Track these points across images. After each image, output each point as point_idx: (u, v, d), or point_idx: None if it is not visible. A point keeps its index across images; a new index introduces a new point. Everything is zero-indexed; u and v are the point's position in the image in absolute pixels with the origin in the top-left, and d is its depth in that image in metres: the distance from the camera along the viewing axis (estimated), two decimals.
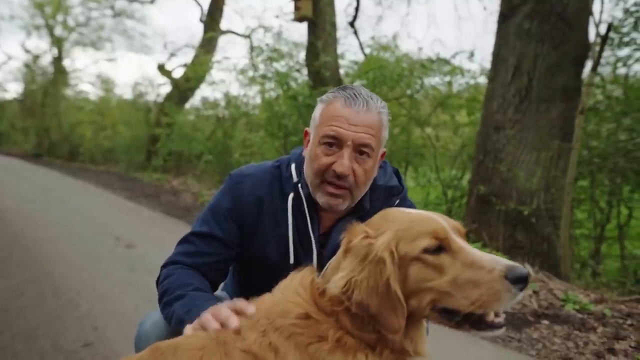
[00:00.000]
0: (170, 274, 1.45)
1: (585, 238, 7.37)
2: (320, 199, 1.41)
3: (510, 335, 3.11)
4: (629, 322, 3.34)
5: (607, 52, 6.19)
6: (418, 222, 1.03)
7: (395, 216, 1.08)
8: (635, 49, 6.36)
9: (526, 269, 0.94)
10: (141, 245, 5.26)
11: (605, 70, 6.74)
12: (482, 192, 5.50)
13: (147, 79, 23.53)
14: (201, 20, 17.00)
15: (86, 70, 30.35)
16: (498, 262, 0.94)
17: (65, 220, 6.61)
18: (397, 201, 1.55)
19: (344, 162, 1.34)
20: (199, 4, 19.16)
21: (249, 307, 1.11)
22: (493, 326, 0.98)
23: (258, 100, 11.82)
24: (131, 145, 17.17)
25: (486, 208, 5.53)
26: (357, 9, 11.17)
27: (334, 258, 1.17)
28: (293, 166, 1.52)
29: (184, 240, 1.55)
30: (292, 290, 1.13)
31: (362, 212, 1.48)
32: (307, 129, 1.51)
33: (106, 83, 23.60)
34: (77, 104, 23.84)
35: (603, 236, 7.06)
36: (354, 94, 1.37)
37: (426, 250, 0.99)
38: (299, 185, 1.47)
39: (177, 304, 1.33)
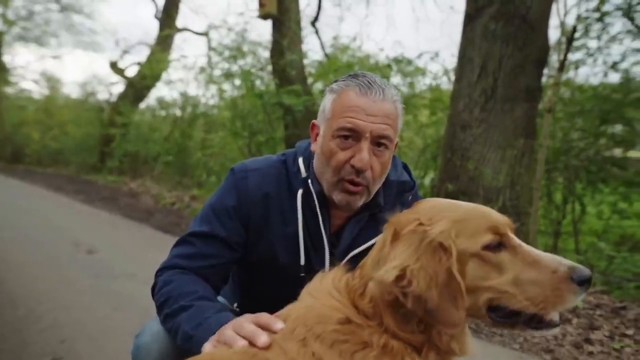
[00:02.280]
0: (169, 280, 1.30)
1: (542, 234, 7.69)
2: (337, 196, 1.32)
3: (492, 330, 3.15)
4: (598, 312, 3.48)
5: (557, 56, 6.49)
6: (476, 214, 0.96)
7: (447, 206, 1.00)
8: (587, 54, 6.71)
9: (588, 269, 0.91)
10: (103, 250, 4.96)
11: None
12: (450, 190, 5.59)
13: (97, 77, 22.42)
14: (156, 17, 16.46)
15: (29, 68, 28.49)
16: (561, 262, 0.91)
17: (17, 225, 6.15)
18: (410, 197, 1.50)
19: (363, 156, 1.25)
20: (153, 0, 18.53)
21: (276, 321, 1.00)
22: (550, 325, 0.94)
23: (217, 99, 11.58)
24: (82, 146, 16.35)
25: None
26: (319, 8, 11.15)
27: (370, 253, 1.07)
28: (300, 160, 1.42)
29: (181, 242, 1.40)
30: (326, 293, 1.02)
31: (376, 209, 1.41)
32: (314, 121, 1.41)
33: (52, 81, 22.36)
34: (19, 103, 22.41)
35: (559, 232, 7.40)
36: (368, 82, 1.28)
37: (487, 247, 0.92)
38: (309, 180, 1.38)
39: (182, 317, 1.18)
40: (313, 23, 11.07)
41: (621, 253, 5.83)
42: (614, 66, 6.32)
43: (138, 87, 15.11)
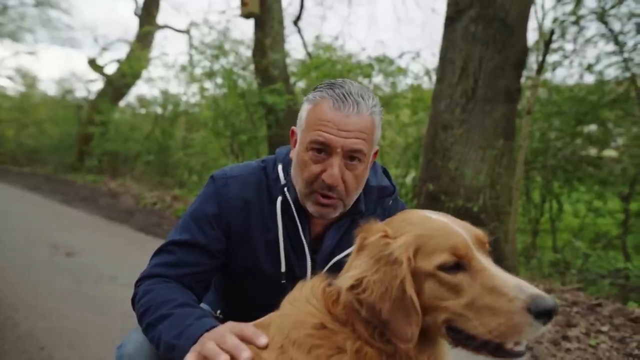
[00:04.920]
0: (149, 289, 1.28)
1: (521, 232, 7.86)
2: (310, 208, 1.33)
3: None
4: (575, 309, 3.57)
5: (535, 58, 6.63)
6: (439, 232, 0.95)
7: (417, 220, 1.00)
8: (563, 56, 6.86)
9: (553, 299, 0.84)
10: (83, 252, 4.88)
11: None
12: (431, 190, 5.66)
13: (75, 75, 21.83)
14: (136, 13, 16.16)
15: (4, 64, 27.63)
16: (522, 289, 0.85)
17: None
18: (390, 202, 1.51)
19: (333, 172, 1.25)
20: None
21: (260, 335, 1.01)
22: (512, 354, 0.88)
23: (198, 98, 11.47)
24: (60, 144, 16.00)
25: (436, 205, 5.69)
26: (301, 7, 11.12)
27: (347, 263, 1.10)
28: (280, 167, 1.42)
29: (161, 250, 1.39)
30: (303, 300, 1.04)
31: (357, 215, 1.42)
32: (294, 127, 1.41)
33: (27, 78, 21.76)
34: None
35: (537, 230, 7.57)
36: (344, 95, 1.27)
37: (442, 267, 0.91)
38: (286, 188, 1.39)
39: (162, 326, 1.17)
40: (295, 22, 11.06)
41: (596, 251, 5.99)
42: (589, 68, 6.48)
43: (117, 85, 14.85)
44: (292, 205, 1.37)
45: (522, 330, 0.83)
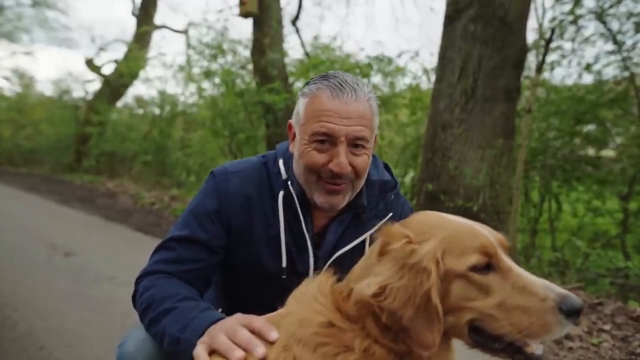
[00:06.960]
0: (150, 285, 1.27)
1: (520, 231, 7.85)
2: (319, 198, 1.31)
3: None
4: None
5: (533, 58, 6.62)
6: (466, 233, 0.95)
7: (439, 222, 0.99)
8: (562, 55, 6.86)
9: (580, 299, 0.88)
10: (81, 252, 4.85)
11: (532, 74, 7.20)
12: (430, 190, 5.65)
13: (72, 75, 21.75)
14: (133, 13, 16.13)
15: (0, 64, 27.58)
16: (552, 289, 0.87)
17: None
18: (392, 196, 1.50)
19: (340, 161, 1.25)
20: None
21: (271, 330, 0.99)
22: (531, 358, 0.90)
23: (196, 98, 11.45)
24: (57, 145, 15.95)
25: (435, 205, 5.68)
26: (299, 7, 11.11)
27: (361, 261, 1.08)
28: (281, 162, 1.41)
29: (161, 247, 1.38)
30: (310, 297, 1.03)
31: (359, 209, 1.41)
32: (290, 121, 1.40)
33: (24, 78, 21.68)
34: None
35: (536, 229, 7.57)
36: (339, 83, 1.27)
37: (474, 268, 0.91)
38: (289, 182, 1.37)
39: (166, 320, 1.15)
40: (294, 22, 11.04)
41: (596, 250, 5.99)
42: (588, 67, 6.48)
43: (115, 85, 14.83)
44: (296, 199, 1.36)
45: (552, 329, 0.85)
